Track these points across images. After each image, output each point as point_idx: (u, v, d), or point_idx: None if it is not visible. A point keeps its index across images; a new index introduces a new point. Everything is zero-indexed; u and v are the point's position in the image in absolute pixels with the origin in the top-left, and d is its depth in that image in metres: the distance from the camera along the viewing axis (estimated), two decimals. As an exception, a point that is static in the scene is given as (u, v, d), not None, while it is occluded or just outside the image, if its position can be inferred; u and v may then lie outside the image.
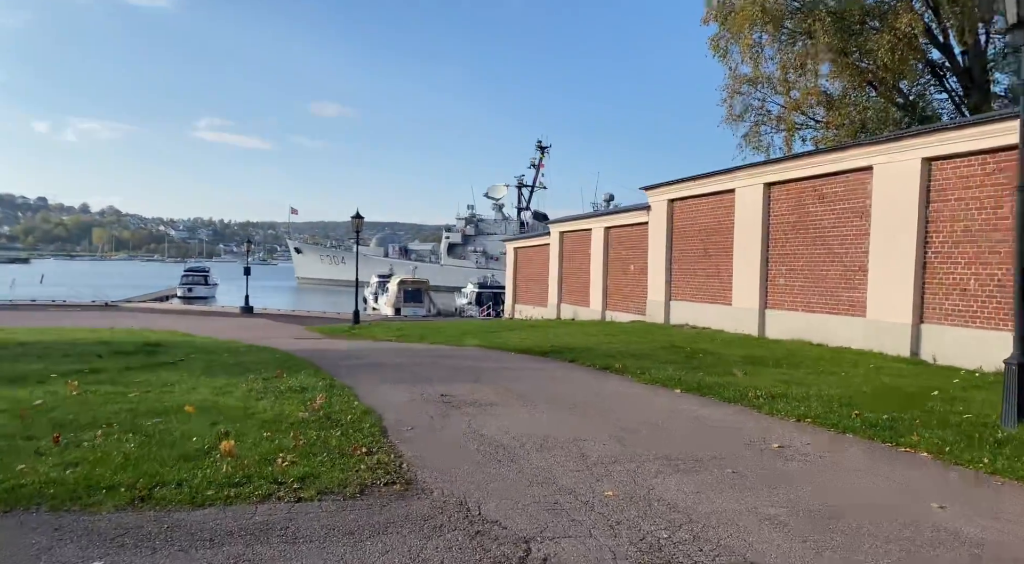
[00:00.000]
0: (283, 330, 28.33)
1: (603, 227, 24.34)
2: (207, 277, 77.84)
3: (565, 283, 28.05)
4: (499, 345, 15.16)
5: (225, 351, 13.78)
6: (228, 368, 10.76)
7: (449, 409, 7.69)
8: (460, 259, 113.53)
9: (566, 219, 28.33)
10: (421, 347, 16.20)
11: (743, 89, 21.05)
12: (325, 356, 13.27)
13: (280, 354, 13.10)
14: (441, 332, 20.85)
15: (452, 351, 14.56)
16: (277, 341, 20.61)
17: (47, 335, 21.11)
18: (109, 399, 7.99)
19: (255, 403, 7.77)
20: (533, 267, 32.12)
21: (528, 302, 32.46)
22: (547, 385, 9.36)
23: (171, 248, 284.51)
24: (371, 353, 14.23)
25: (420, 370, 10.97)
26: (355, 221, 28.68)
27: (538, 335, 17.50)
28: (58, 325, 26.78)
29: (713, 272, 18.12)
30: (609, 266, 24.18)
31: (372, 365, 11.72)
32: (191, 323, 31.41)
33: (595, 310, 24.78)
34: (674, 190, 19.68)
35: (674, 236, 19.93)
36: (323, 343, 19.18)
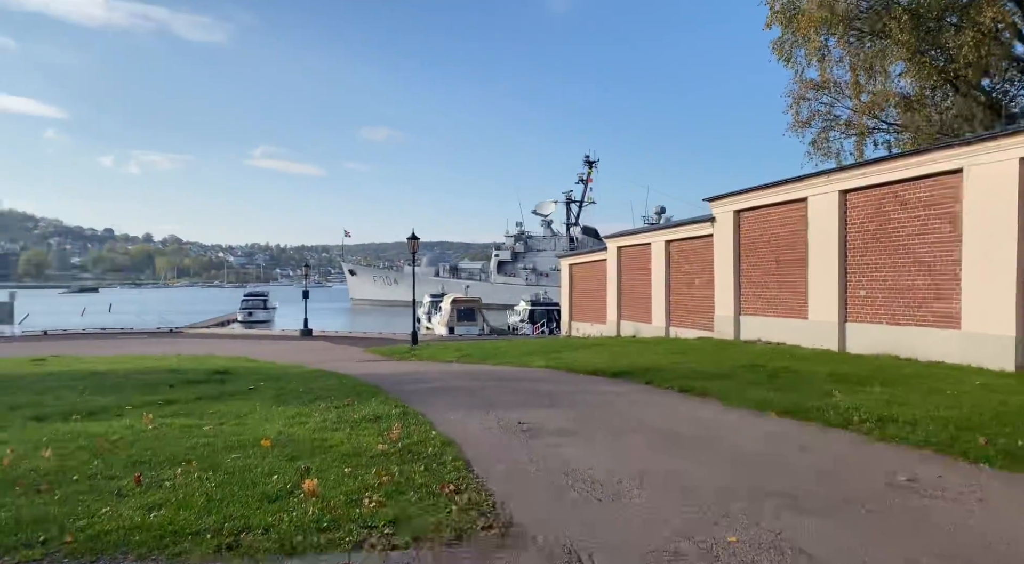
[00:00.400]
0: (343, 352, 28.44)
1: (663, 240, 23.73)
2: (266, 301, 79.39)
3: (624, 299, 27.45)
4: (567, 366, 14.72)
5: (292, 378, 13.70)
6: (298, 396, 10.60)
7: (531, 439, 7.30)
8: (510, 276, 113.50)
9: (623, 234, 27.79)
10: (486, 369, 15.88)
11: (809, 94, 20.28)
12: (392, 380, 13.05)
13: (347, 380, 12.93)
14: (503, 352, 20.53)
15: (519, 373, 14.19)
16: (340, 365, 20.58)
17: (119, 364, 21.56)
18: (185, 432, 7.86)
19: (331, 435, 7.52)
20: (589, 283, 31.61)
21: (585, 319, 31.93)
22: (629, 411, 8.89)
23: (230, 274, 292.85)
24: (437, 376, 13.95)
25: (491, 394, 10.62)
26: (411, 242, 28.71)
27: (604, 354, 17.01)
28: (128, 353, 27.43)
29: (786, 285, 17.36)
30: (671, 281, 23.53)
31: (441, 390, 11.42)
32: (253, 347, 31.87)
33: (658, 326, 24.12)
34: (741, 200, 19.01)
35: (742, 248, 19.23)
36: (385, 366, 19.05)
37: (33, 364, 22.11)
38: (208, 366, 19.54)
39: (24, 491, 5.49)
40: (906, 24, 16.73)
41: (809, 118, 20.51)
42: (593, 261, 30.96)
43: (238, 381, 13.00)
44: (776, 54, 20.00)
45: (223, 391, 11.41)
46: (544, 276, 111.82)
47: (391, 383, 12.41)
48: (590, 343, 21.21)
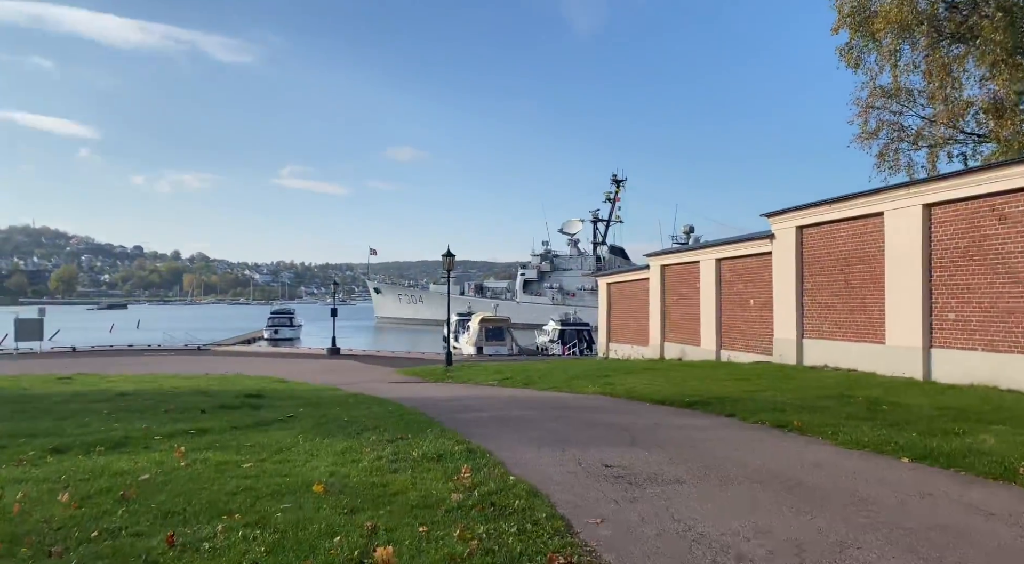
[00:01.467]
0: (375, 373, 27.46)
1: (714, 259, 22.52)
2: (292, 319, 79.06)
3: (669, 320, 26.20)
4: (625, 393, 13.53)
5: (330, 402, 12.69)
6: (343, 426, 9.56)
7: (629, 488, 6.16)
8: (536, 296, 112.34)
9: (666, 251, 26.61)
10: (534, 395, 14.75)
11: (878, 102, 19.02)
12: (438, 407, 11.98)
13: (391, 406, 11.86)
14: (546, 376, 19.37)
15: (574, 400, 13.04)
16: (375, 387, 19.58)
17: (146, 384, 20.75)
18: (222, 471, 6.85)
19: (391, 477, 6.45)
20: (629, 303, 30.40)
21: (624, 340, 30.69)
22: (725, 451, 7.71)
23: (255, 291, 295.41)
24: (485, 403, 12.85)
25: (555, 426, 9.49)
26: (446, 259, 27.77)
27: (660, 380, 15.80)
28: (155, 372, 26.71)
29: (857, 306, 16.06)
30: (723, 301, 22.28)
31: (497, 420, 10.31)
32: (281, 367, 31.04)
33: (707, 350, 22.83)
34: (804, 216, 17.79)
35: (805, 266, 17.98)
36: (426, 389, 18.00)
37: (59, 382, 21.38)
38: (238, 387, 18.64)
39: (32, 554, 4.48)
40: (1000, 22, 15.46)
41: (877, 128, 19.28)
42: (633, 280, 29.77)
43: (274, 406, 12.02)
44: (844, 60, 18.82)
45: (259, 418, 10.42)
46: (571, 295, 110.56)
47: (439, 411, 11.34)
48: (640, 367, 19.98)
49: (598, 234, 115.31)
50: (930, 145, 18.62)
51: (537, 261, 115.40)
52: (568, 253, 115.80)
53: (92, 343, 49.21)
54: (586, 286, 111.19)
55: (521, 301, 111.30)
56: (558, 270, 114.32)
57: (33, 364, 30.80)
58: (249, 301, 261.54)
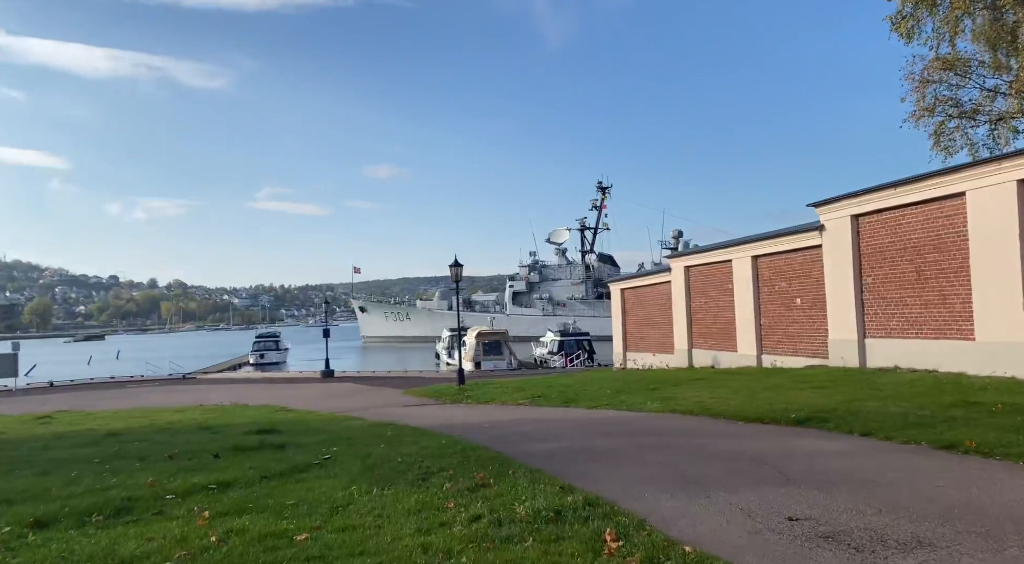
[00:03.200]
0: (383, 396, 25.48)
1: (749, 256, 20.92)
2: (278, 342, 76.56)
3: (696, 325, 24.56)
4: (699, 409, 11.77)
5: (362, 436, 10.78)
6: (398, 470, 7.71)
7: (862, 558, 4.40)
8: (526, 307, 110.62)
9: (691, 251, 25.01)
10: (590, 416, 12.93)
11: (935, 76, 17.57)
12: (493, 436, 10.14)
13: (441, 438, 9.98)
14: (580, 392, 17.55)
15: (647, 422, 11.25)
16: (395, 412, 17.65)
17: (137, 420, 18.64)
18: (271, 549, 5.02)
19: (514, 553, 4.64)
20: (647, 309, 28.76)
21: (643, 349, 29.00)
22: (930, 488, 5.93)
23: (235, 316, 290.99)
24: (544, 429, 11.03)
25: (663, 459, 7.71)
26: (453, 270, 25.94)
27: (725, 391, 14.06)
28: (143, 405, 24.52)
29: (934, 299, 14.50)
30: (762, 301, 20.67)
31: (582, 453, 8.50)
32: (278, 393, 28.92)
33: (746, 355, 21.18)
34: (861, 203, 16.25)
35: (864, 259, 16.42)
36: (453, 413, 16.12)
37: (38, 423, 19.19)
38: (244, 420, 16.64)
39: None
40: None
41: (933, 105, 17.81)
42: (651, 284, 28.15)
43: (299, 445, 10.09)
44: (896, 30, 17.35)
45: (289, 462, 8.51)
46: (561, 305, 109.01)
47: (499, 442, 9.50)
48: (680, 377, 18.23)
49: (586, 242, 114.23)
50: (991, 120, 17.28)
51: (525, 272, 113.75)
52: (556, 263, 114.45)
53: (71, 377, 46.64)
54: (576, 295, 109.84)
55: (511, 313, 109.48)
56: (547, 280, 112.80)
57: (8, 403, 28.40)
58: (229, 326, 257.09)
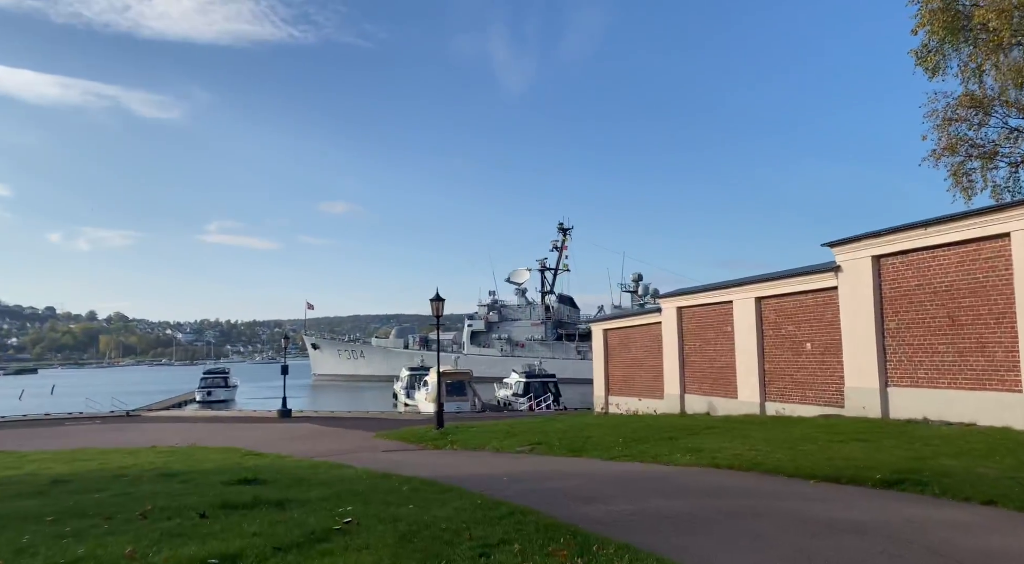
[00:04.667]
0: (354, 439, 23.58)
1: (752, 297, 20.08)
2: (227, 379, 73.26)
3: (689, 369, 23.53)
4: (739, 463, 10.53)
5: (381, 493, 9.07)
6: (443, 540, 6.22)
7: None
8: (484, 347, 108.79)
9: (685, 292, 24.11)
10: (616, 469, 11.57)
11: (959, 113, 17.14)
12: (531, 494, 8.70)
13: (478, 498, 8.41)
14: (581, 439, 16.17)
15: (695, 478, 9.93)
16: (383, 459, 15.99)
17: (84, 463, 16.50)
18: None
19: None
20: (633, 351, 27.68)
21: (628, 393, 27.83)
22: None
23: (179, 351, 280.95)
24: (578, 485, 9.63)
25: (761, 528, 6.43)
26: (434, 304, 24.45)
27: (755, 443, 12.87)
28: (86, 445, 22.13)
29: (971, 347, 13.71)
30: (767, 345, 19.77)
31: (654, 519, 7.15)
32: (237, 433, 26.68)
33: (747, 402, 20.17)
34: (884, 243, 15.55)
35: (886, 302, 15.65)
36: (455, 461, 14.55)
37: (-33, 467, 16.90)
38: (210, 466, 14.76)
39: None
40: None
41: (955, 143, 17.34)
42: (639, 325, 27.13)
43: (301, 501, 8.44)
44: (921, 65, 16.97)
45: (301, 527, 6.91)
46: (520, 346, 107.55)
47: (542, 502, 8.06)
48: (694, 425, 17.00)
49: (546, 283, 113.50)
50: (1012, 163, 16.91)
51: (484, 311, 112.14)
52: (516, 303, 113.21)
53: (0, 413, 43.15)
54: (536, 336, 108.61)
55: (469, 353, 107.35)
56: (506, 320, 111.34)
57: (-70, 441, 25.49)
58: (172, 362, 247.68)
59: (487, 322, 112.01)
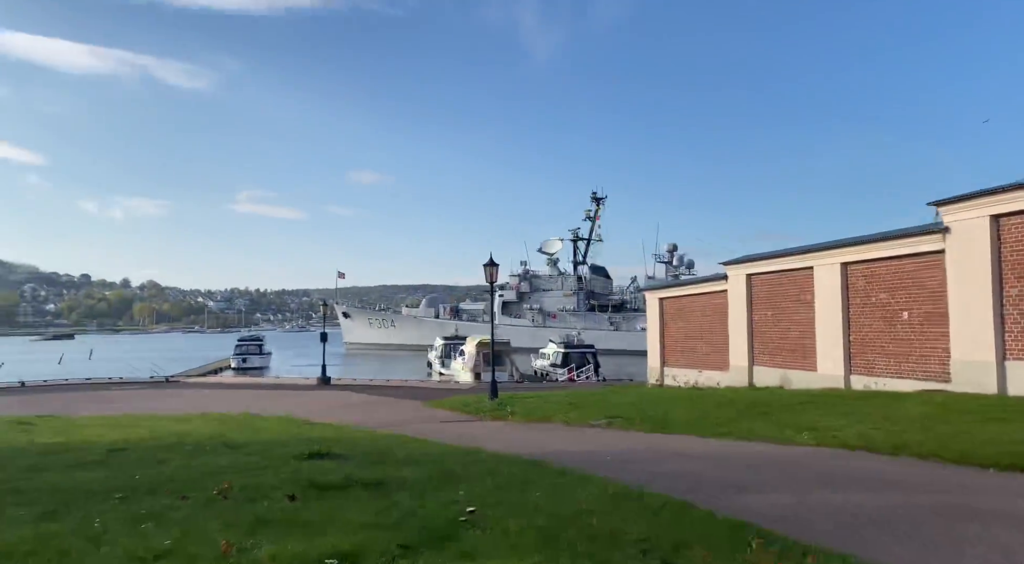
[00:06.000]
0: (407, 409, 22.65)
1: (838, 262, 18.60)
2: (261, 347, 73.13)
3: (759, 340, 22.19)
4: (875, 445, 9.29)
5: (484, 474, 7.93)
6: (597, 540, 5.10)
7: None
8: (515, 318, 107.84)
9: (754, 258, 22.66)
10: (731, 449, 10.37)
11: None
12: (661, 478, 7.58)
13: (610, 485, 7.22)
14: (657, 413, 15.03)
15: (841, 462, 8.69)
16: (451, 430, 15.00)
17: (135, 429, 15.67)
18: None
19: None
20: (692, 321, 26.38)
21: (686, 364, 26.59)
22: None
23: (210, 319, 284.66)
24: (702, 469, 8.49)
25: (986, 534, 5.24)
26: (488, 270, 23.29)
27: (875, 420, 11.60)
28: (133, 411, 21.49)
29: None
30: (853, 314, 18.35)
31: (841, 516, 5.98)
32: (283, 401, 25.93)
33: (828, 375, 18.81)
34: (1004, 201, 13.98)
35: (1005, 267, 14.15)
36: (535, 435, 13.47)
37: (18, 429, 16.16)
38: (270, 436, 13.84)
39: None
40: None
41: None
42: (700, 293, 25.78)
43: (400, 482, 7.36)
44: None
45: (417, 517, 5.82)
46: (552, 317, 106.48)
47: (685, 489, 6.93)
48: (791, 399, 15.60)
49: (578, 253, 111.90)
50: None
51: (516, 282, 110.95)
52: (548, 273, 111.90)
53: (42, 376, 43.17)
54: (568, 307, 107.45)
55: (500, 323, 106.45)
56: (538, 291, 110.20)
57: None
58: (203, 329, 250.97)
59: (518, 292, 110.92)
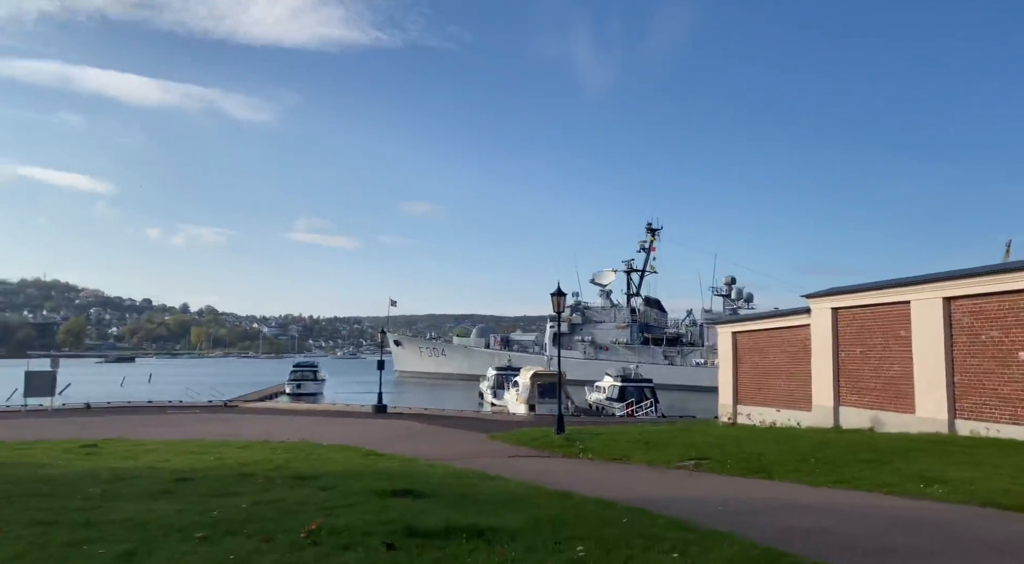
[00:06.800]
0: (469, 441, 21.81)
1: (940, 297, 17.27)
2: (316, 372, 73.41)
3: (846, 378, 20.80)
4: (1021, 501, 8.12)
5: (596, 524, 7.07)
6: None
7: None
8: (566, 349, 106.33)
9: (841, 290, 21.38)
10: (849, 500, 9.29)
11: None
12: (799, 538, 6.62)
13: (743, 544, 6.33)
14: (754, 456, 13.90)
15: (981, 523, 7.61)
16: (525, 467, 14.08)
17: (200, 455, 15.26)
18: None
19: None
20: (769, 356, 25.05)
21: (762, 403, 25.21)
22: None
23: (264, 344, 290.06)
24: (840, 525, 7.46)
25: None
26: (556, 299, 22.55)
27: (1007, 471, 10.37)
28: (195, 436, 21.21)
29: None
30: (957, 353, 16.95)
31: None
32: (341, 429, 25.43)
33: (928, 419, 17.36)
34: None
35: None
36: (627, 478, 12.51)
37: (84, 453, 16.00)
38: (340, 467, 13.25)
39: None
40: None
41: None
42: (779, 328, 24.49)
43: (502, 531, 6.53)
44: None
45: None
46: (604, 349, 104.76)
47: (829, 553, 5.98)
48: (904, 444, 14.28)
49: (632, 285, 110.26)
50: None
51: (567, 313, 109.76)
52: (600, 305, 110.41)
53: (106, 398, 43.91)
54: (621, 339, 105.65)
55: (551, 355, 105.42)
56: (590, 322, 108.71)
57: (45, 424, 25.43)
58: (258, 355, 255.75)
59: (570, 324, 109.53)
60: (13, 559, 5.84)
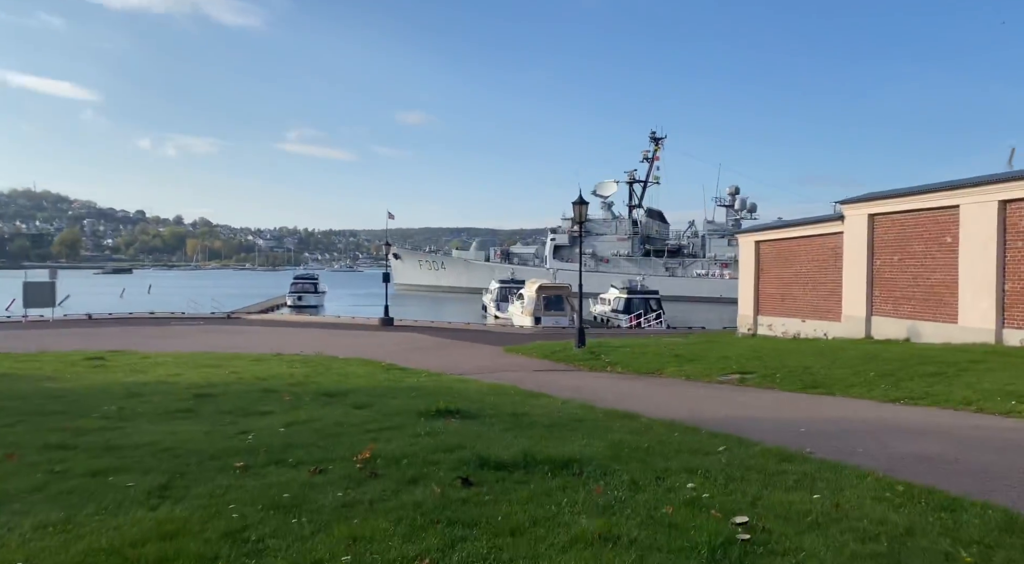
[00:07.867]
0: (485, 354, 21.12)
1: (995, 200, 16.17)
2: (316, 285, 72.71)
3: (881, 287, 19.96)
4: None
5: (686, 454, 6.30)
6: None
7: None
8: (567, 262, 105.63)
9: (880, 195, 20.23)
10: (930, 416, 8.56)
11: None
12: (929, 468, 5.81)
13: (875, 478, 5.53)
14: (801, 368, 13.18)
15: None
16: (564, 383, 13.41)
17: (215, 369, 14.43)
18: None
19: None
20: (795, 266, 24.15)
21: (785, 313, 24.50)
22: None
23: (260, 257, 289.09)
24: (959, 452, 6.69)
25: None
26: (578, 208, 21.35)
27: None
28: (204, 349, 20.49)
29: None
30: (1010, 260, 16.03)
31: None
32: (352, 341, 24.78)
33: (974, 328, 16.60)
34: None
35: None
36: (680, 394, 11.79)
37: (91, 366, 15.24)
38: (367, 382, 12.45)
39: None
40: None
41: None
42: (807, 235, 23.47)
43: (589, 461, 5.66)
44: None
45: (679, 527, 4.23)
46: (604, 261, 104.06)
47: (990, 489, 5.17)
48: (959, 356, 13.52)
49: (634, 196, 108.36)
50: None
51: (568, 225, 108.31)
52: (602, 217, 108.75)
53: (107, 310, 43.18)
54: (622, 251, 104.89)
55: (551, 267, 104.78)
56: (591, 235, 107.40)
57: (48, 335, 24.67)
58: (254, 267, 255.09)
59: (570, 236, 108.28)
60: (32, 492, 4.98)
